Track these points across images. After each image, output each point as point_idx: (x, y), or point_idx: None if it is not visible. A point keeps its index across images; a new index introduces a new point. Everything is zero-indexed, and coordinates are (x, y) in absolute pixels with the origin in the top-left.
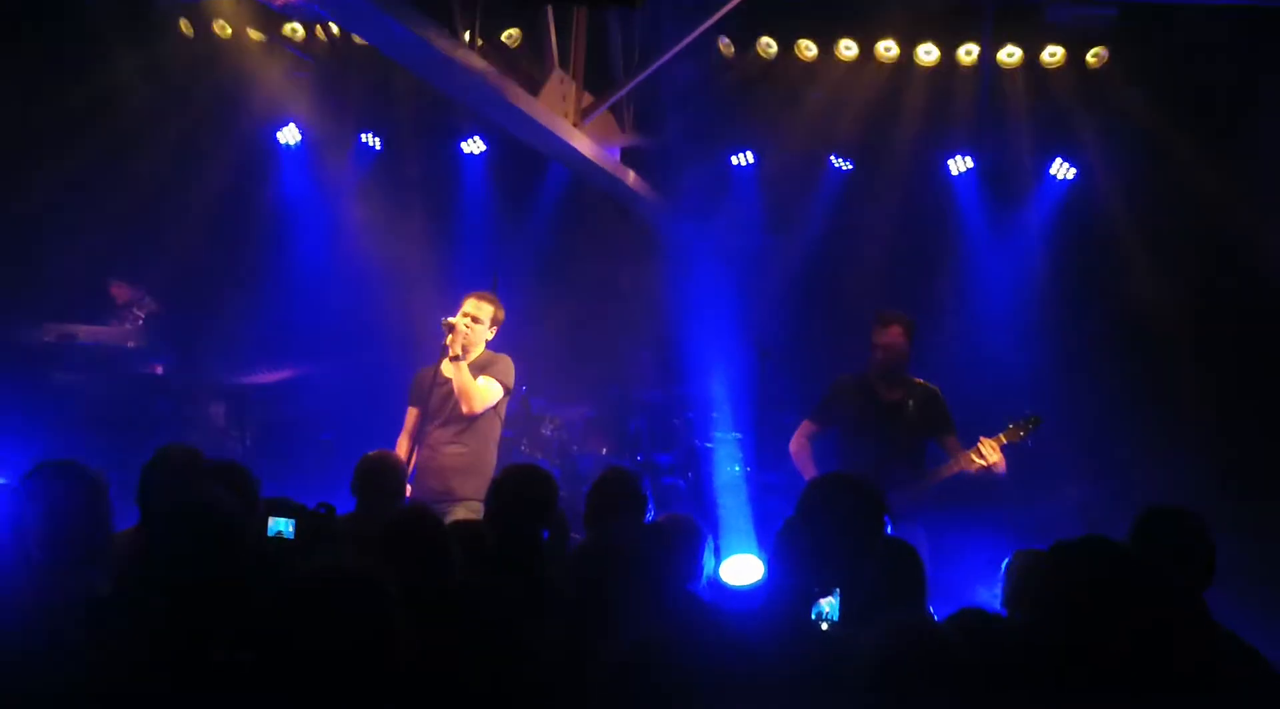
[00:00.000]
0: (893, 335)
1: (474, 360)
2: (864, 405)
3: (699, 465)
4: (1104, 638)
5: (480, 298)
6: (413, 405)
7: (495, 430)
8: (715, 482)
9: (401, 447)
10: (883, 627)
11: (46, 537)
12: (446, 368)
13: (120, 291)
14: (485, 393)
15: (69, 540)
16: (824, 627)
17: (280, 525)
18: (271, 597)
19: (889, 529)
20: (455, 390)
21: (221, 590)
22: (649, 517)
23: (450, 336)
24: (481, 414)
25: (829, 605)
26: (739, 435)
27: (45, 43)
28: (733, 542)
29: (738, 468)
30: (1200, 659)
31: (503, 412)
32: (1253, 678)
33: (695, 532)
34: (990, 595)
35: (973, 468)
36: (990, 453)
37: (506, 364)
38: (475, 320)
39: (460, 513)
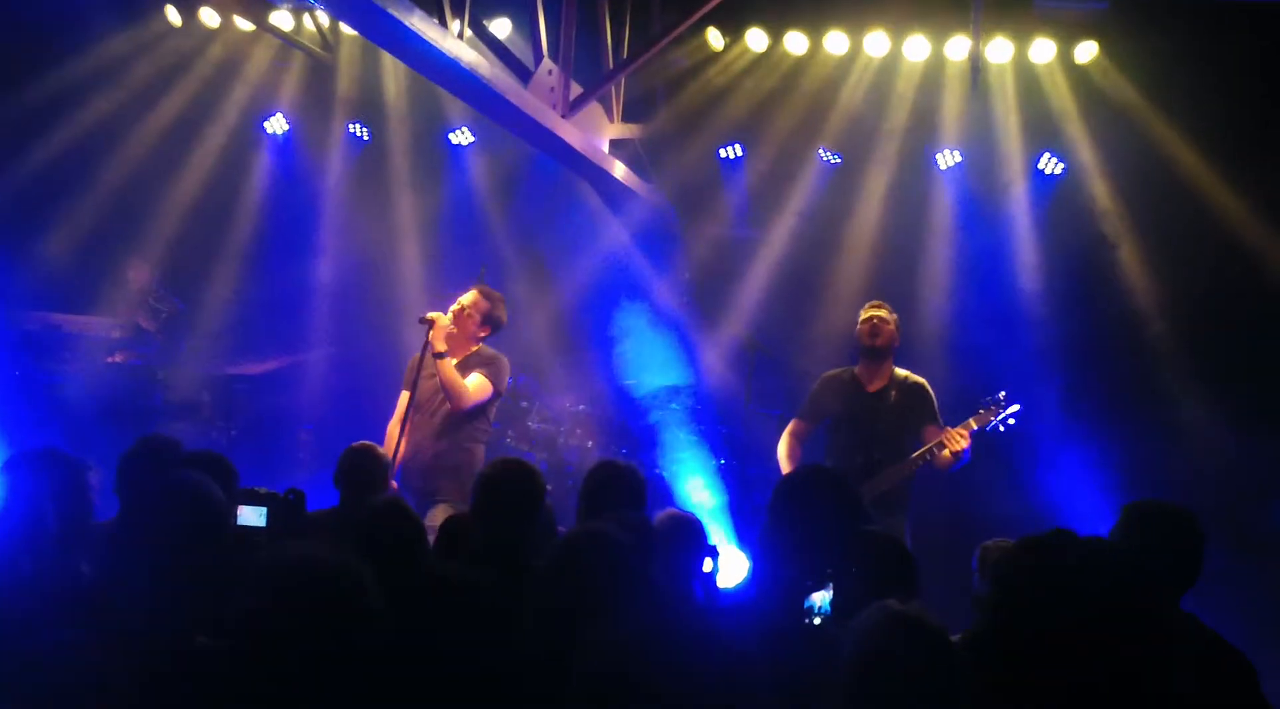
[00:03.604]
0: (885, 313)
1: (470, 355)
2: (850, 398)
3: (685, 458)
4: (1066, 632)
5: (480, 291)
6: (406, 389)
7: (483, 430)
8: (701, 475)
9: (392, 431)
10: (870, 614)
11: (27, 524)
12: (431, 363)
13: (139, 274)
14: (472, 391)
15: (49, 527)
16: (817, 621)
17: (251, 513)
18: (245, 583)
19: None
20: (443, 387)
21: (201, 577)
22: (645, 510)
23: (431, 332)
24: (468, 412)
25: (822, 599)
26: (726, 429)
27: (30, 28)
28: (717, 536)
29: (723, 461)
30: (1168, 656)
31: (492, 413)
32: (1223, 675)
33: (694, 530)
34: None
35: (939, 461)
36: (956, 440)
37: (502, 365)
38: (464, 313)
39: (440, 514)
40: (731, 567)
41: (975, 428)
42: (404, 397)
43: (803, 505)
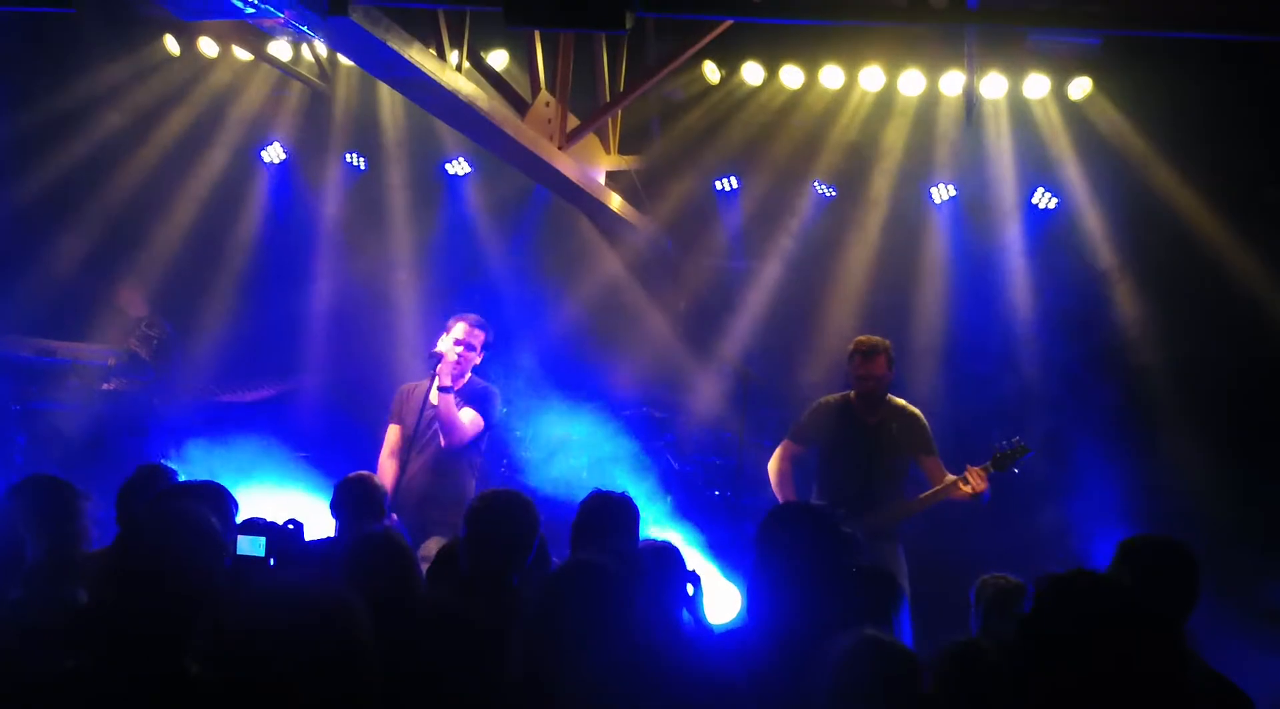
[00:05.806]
0: (879, 366)
1: (464, 387)
2: (845, 427)
3: (678, 489)
4: (1079, 668)
5: (474, 323)
6: (394, 423)
7: (475, 462)
8: (694, 505)
9: (385, 465)
10: (845, 641)
11: (17, 550)
12: (434, 396)
13: (131, 301)
14: (468, 428)
15: (40, 554)
16: None
17: (250, 544)
18: (242, 614)
19: (862, 553)
20: (440, 421)
21: (197, 607)
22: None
23: (440, 366)
24: (460, 447)
25: None
26: (719, 459)
27: (30, 56)
28: (710, 568)
29: (717, 492)
30: (1176, 693)
31: (483, 445)
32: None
33: (673, 557)
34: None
35: (957, 495)
36: (977, 481)
37: (494, 399)
38: (469, 347)
39: (434, 545)
40: (719, 596)
41: (993, 471)
42: (393, 429)
43: (789, 542)
